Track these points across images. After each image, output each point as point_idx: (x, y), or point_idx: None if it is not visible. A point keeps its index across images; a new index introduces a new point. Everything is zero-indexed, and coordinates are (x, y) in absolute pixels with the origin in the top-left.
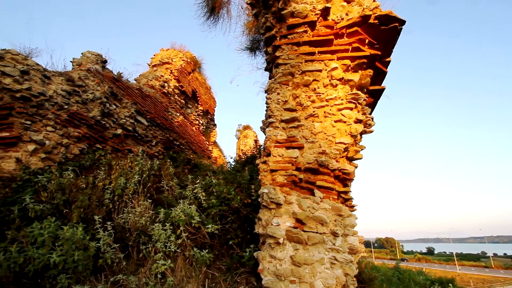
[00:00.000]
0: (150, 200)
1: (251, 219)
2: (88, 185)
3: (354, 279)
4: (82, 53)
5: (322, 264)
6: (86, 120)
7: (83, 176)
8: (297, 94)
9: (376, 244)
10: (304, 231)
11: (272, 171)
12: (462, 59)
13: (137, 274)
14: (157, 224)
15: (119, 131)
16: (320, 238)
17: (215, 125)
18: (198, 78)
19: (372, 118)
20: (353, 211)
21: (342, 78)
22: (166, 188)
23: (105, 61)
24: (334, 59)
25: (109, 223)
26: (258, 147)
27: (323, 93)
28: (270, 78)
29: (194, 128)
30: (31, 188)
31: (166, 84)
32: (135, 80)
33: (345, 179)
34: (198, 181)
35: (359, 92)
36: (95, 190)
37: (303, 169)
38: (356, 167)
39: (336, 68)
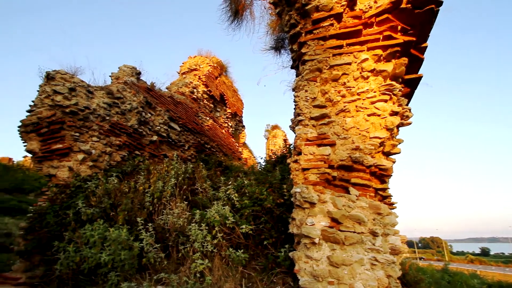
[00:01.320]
0: (186, 202)
1: (284, 219)
2: (130, 189)
3: (398, 281)
4: (119, 67)
5: (361, 265)
6: (125, 129)
7: (126, 181)
8: (326, 90)
9: (420, 244)
10: (341, 230)
11: (304, 169)
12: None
13: (178, 273)
14: (194, 224)
15: (155, 137)
16: (358, 238)
17: (243, 126)
18: (225, 81)
19: (410, 109)
20: (392, 209)
21: (374, 69)
22: (200, 190)
23: (139, 73)
24: (364, 50)
25: (150, 224)
26: (288, 146)
27: (353, 87)
28: (297, 76)
29: (223, 130)
30: (82, 193)
31: (195, 90)
32: (167, 88)
33: (382, 175)
34: (230, 182)
35: (394, 83)
36: (136, 194)
37: (336, 167)
38: (394, 162)
39: (366, 59)
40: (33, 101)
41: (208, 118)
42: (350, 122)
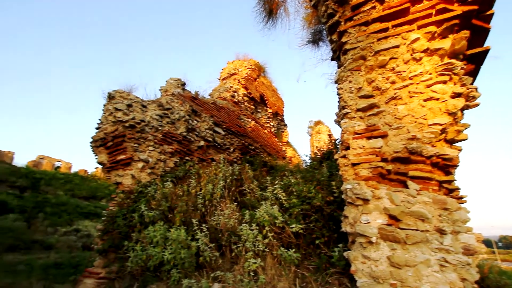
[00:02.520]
0: (235, 203)
1: (335, 217)
2: (184, 192)
3: (476, 285)
4: (166, 81)
5: (428, 267)
6: (175, 137)
7: (180, 185)
8: (372, 78)
9: (500, 244)
10: (401, 228)
11: (354, 164)
12: None
13: (232, 271)
14: (244, 224)
15: (202, 143)
16: (422, 237)
17: (285, 125)
18: (264, 82)
19: (476, 89)
20: (462, 203)
21: (427, 49)
22: (248, 190)
23: (184, 84)
24: (413, 30)
25: (204, 225)
26: (333, 141)
27: (404, 71)
28: (338, 67)
29: (266, 131)
30: (144, 198)
31: (235, 93)
32: (209, 95)
33: (446, 166)
34: (276, 182)
35: (453, 61)
36: (189, 197)
37: (390, 160)
38: (459, 150)
39: (417, 39)
40: (99, 119)
41: (250, 120)
42: (403, 110)
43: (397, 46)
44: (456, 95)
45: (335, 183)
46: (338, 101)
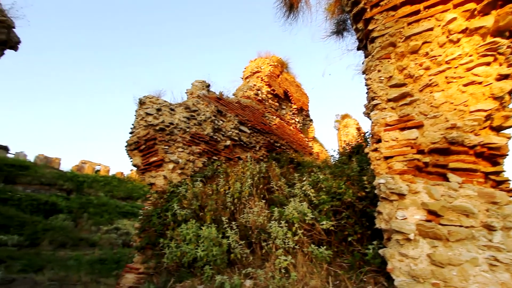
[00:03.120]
0: (264, 201)
1: (368, 213)
2: (213, 191)
3: None
4: (191, 84)
5: (475, 266)
6: (203, 138)
7: (209, 185)
8: (403, 66)
9: None
10: (442, 224)
11: (387, 158)
12: None
13: (263, 268)
14: (273, 222)
15: (228, 142)
16: (467, 233)
17: (311, 120)
18: (287, 78)
19: None
20: None
21: (466, 28)
22: (276, 188)
23: (209, 85)
24: (449, 9)
25: (234, 223)
26: (362, 134)
27: (440, 55)
28: (366, 57)
29: (291, 127)
30: (176, 197)
31: (259, 91)
32: (233, 94)
33: (493, 155)
34: (304, 178)
35: (498, 39)
36: (219, 196)
37: (427, 151)
38: (508, 138)
39: (454, 19)
40: (132, 124)
41: (274, 117)
42: (440, 97)
43: (431, 29)
44: (503, 77)
45: (366, 178)
46: (367, 92)
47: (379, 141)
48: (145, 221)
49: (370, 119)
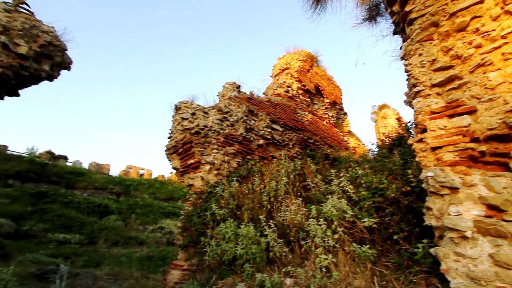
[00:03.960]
0: (300, 199)
1: (415, 209)
2: (249, 191)
3: None
4: (222, 86)
5: None
6: (236, 138)
7: (244, 184)
8: (449, 46)
9: None
10: (506, 220)
11: (434, 148)
12: None
13: (303, 267)
14: (312, 220)
15: (261, 141)
16: None
17: (345, 114)
18: (318, 72)
19: None
20: None
21: None
22: (312, 185)
23: (239, 86)
24: None
25: (271, 221)
26: (404, 125)
27: (493, 30)
28: (404, 41)
29: (324, 122)
30: (213, 197)
31: (289, 88)
32: (263, 93)
33: None
34: (342, 174)
35: None
36: (255, 195)
37: (482, 139)
38: None
39: None
40: (170, 129)
41: (306, 113)
42: (496, 77)
43: (481, 1)
44: None
45: (411, 172)
46: (407, 79)
47: (424, 131)
48: (186, 220)
49: (413, 108)
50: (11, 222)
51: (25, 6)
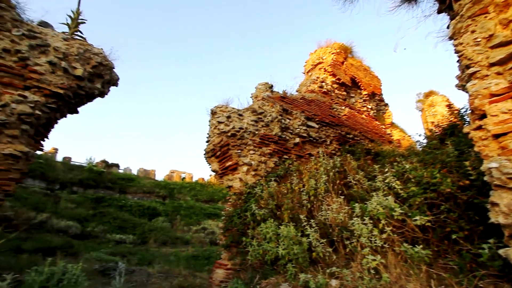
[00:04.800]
0: (342, 197)
1: (475, 205)
2: (288, 190)
3: None
4: (255, 87)
5: None
6: (271, 138)
7: (283, 184)
8: (509, 18)
9: None
10: None
11: (497, 136)
12: None
13: (349, 268)
14: (356, 219)
15: (297, 139)
16: None
17: (386, 105)
18: (353, 63)
19: None
20: None
21: None
22: (354, 182)
23: (272, 86)
24: None
25: (312, 220)
26: (456, 112)
27: None
28: (452, 19)
29: (363, 115)
30: (253, 198)
31: (323, 83)
32: (297, 91)
33: None
34: (387, 169)
35: None
36: (294, 194)
37: None
38: None
39: None
40: (207, 133)
41: (343, 108)
42: None
43: None
44: None
45: (469, 163)
46: (458, 61)
47: (483, 116)
48: (227, 221)
49: (467, 92)
50: (78, 224)
51: (79, 33)
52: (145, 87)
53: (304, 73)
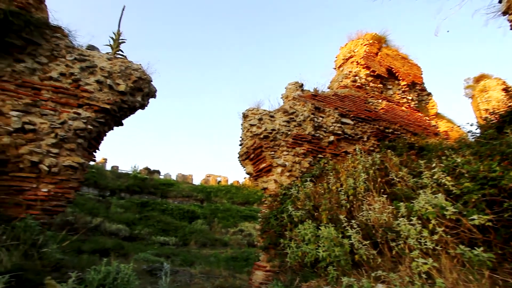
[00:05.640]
0: (384, 195)
1: None
2: (325, 190)
3: None
4: (285, 87)
5: None
6: (305, 138)
7: (319, 184)
8: None
9: None
10: None
11: None
12: None
13: (397, 272)
14: (402, 219)
15: (331, 137)
16: None
17: (429, 94)
18: (388, 53)
19: None
20: None
21: None
22: (397, 180)
23: (302, 85)
24: None
25: (353, 221)
26: None
27: None
28: None
29: (403, 108)
30: (289, 199)
31: (356, 77)
32: (328, 88)
33: None
34: (434, 164)
35: None
36: (331, 194)
37: None
38: None
39: None
40: (240, 137)
41: (380, 101)
42: None
43: None
44: None
45: None
46: None
47: None
48: (264, 223)
49: None
50: (126, 227)
51: (120, 52)
52: (178, 92)
53: (335, 69)
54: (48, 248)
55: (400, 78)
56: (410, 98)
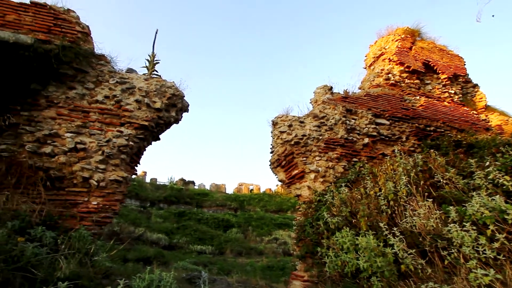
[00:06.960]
0: (430, 199)
1: None
2: (362, 195)
3: None
4: (314, 92)
5: None
6: (337, 142)
7: (355, 189)
8: None
9: None
10: None
11: None
12: None
13: (451, 284)
14: (453, 225)
15: (366, 140)
16: None
17: (475, 86)
18: (424, 46)
19: None
20: None
21: None
22: (444, 181)
23: (331, 88)
24: None
25: (395, 228)
26: None
27: None
28: None
29: (446, 103)
30: (324, 205)
31: (389, 75)
32: (359, 88)
33: None
34: (487, 163)
35: None
36: (369, 199)
37: None
38: None
39: None
40: (271, 144)
41: (418, 97)
42: None
43: None
44: None
45: None
46: None
47: None
48: (299, 231)
49: None
50: (166, 237)
51: (155, 72)
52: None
53: (365, 68)
54: (99, 256)
55: (439, 72)
56: (452, 92)
